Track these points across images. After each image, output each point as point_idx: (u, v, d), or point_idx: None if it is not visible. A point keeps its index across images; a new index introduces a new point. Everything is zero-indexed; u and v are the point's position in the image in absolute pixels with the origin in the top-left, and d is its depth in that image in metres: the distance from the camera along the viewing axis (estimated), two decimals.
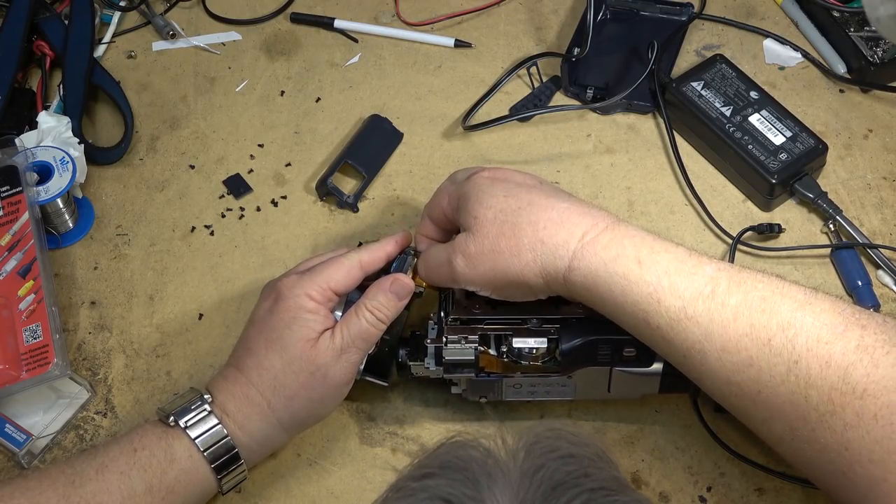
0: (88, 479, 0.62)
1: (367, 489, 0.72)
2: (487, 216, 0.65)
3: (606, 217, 0.65)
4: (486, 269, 0.66)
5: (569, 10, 1.01)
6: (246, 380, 0.67)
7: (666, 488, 0.72)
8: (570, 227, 0.63)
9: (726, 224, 0.84)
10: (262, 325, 0.68)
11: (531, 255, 0.64)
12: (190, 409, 0.66)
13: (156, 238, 0.85)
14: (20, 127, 0.88)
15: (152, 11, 1.01)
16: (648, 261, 0.62)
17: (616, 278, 0.62)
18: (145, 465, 0.63)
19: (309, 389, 0.66)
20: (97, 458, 0.64)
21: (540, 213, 0.64)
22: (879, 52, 0.92)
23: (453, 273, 0.67)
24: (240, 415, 0.66)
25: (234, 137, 0.92)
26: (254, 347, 0.68)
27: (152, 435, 0.65)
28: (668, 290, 0.61)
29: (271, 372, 0.66)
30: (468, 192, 0.67)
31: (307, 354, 0.66)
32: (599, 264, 0.63)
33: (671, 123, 0.90)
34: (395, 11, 1.01)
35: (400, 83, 0.96)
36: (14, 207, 0.79)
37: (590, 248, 0.63)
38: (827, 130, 0.90)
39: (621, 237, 0.63)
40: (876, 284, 0.81)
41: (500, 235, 0.64)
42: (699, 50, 0.97)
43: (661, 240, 0.64)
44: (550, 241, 0.63)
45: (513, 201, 0.65)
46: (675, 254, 0.63)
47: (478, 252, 0.65)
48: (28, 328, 0.74)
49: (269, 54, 0.98)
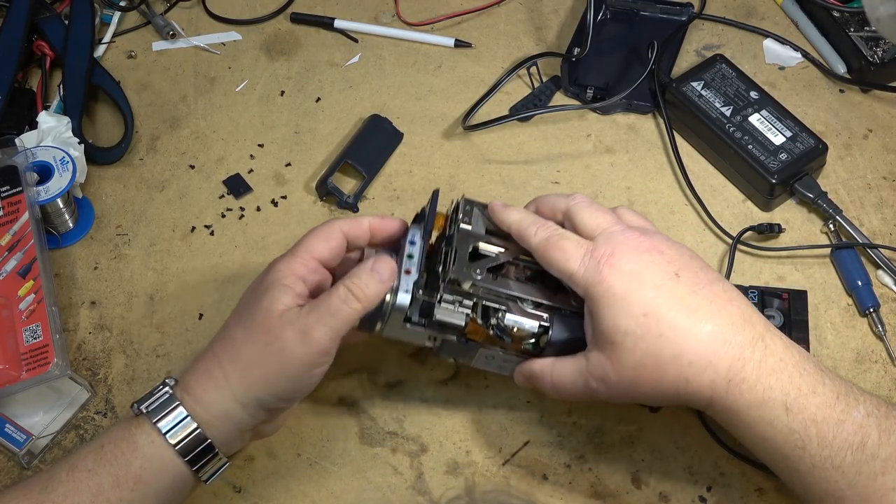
0: (60, 482, 0.61)
1: (367, 489, 0.72)
2: (626, 344, 0.60)
3: (751, 343, 0.61)
4: (626, 395, 0.63)
5: (569, 10, 1.01)
6: (212, 353, 0.64)
7: (666, 488, 0.72)
8: (715, 363, 0.60)
9: (726, 224, 0.84)
10: (240, 301, 0.67)
11: (674, 391, 0.61)
12: (152, 394, 0.63)
13: (156, 238, 0.85)
14: (20, 127, 0.88)
15: (152, 11, 1.01)
16: (796, 407, 0.59)
17: (761, 424, 0.60)
18: (111, 459, 0.62)
19: (263, 363, 0.63)
20: (69, 460, 0.63)
21: (683, 345, 0.60)
22: (879, 52, 0.92)
23: (594, 397, 0.64)
24: (199, 389, 0.63)
25: (234, 137, 0.92)
26: (228, 322, 0.66)
27: (118, 429, 0.63)
28: (816, 438, 0.59)
29: (232, 342, 0.64)
30: (600, 297, 0.62)
31: (266, 324, 0.63)
32: (744, 407, 0.60)
33: (671, 123, 0.90)
34: (395, 11, 1.01)
35: (400, 83, 0.96)
36: (14, 207, 0.79)
37: (735, 390, 0.60)
38: (827, 130, 0.90)
39: (767, 374, 0.60)
40: (876, 284, 0.81)
41: (641, 368, 0.61)
42: (699, 50, 0.97)
43: (808, 372, 0.61)
44: (695, 381, 0.60)
45: (653, 324, 0.60)
46: (824, 397, 0.60)
47: (618, 382, 0.62)
48: (28, 328, 0.74)
49: (269, 54, 0.98)
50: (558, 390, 0.65)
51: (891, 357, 0.77)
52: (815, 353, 0.77)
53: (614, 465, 0.73)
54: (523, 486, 0.72)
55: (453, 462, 0.73)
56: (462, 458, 0.73)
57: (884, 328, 0.78)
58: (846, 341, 0.78)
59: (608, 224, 0.65)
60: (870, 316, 0.79)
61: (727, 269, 0.81)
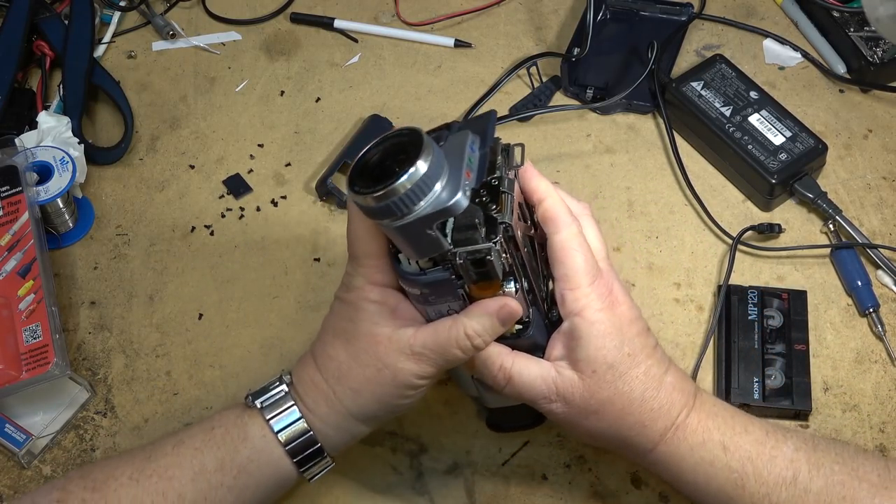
0: (164, 454, 0.63)
1: (367, 489, 0.72)
2: (606, 377, 0.61)
3: (694, 394, 0.64)
4: (577, 422, 0.63)
5: (569, 10, 1.01)
6: (314, 366, 0.64)
7: (666, 488, 0.72)
8: (669, 410, 0.62)
9: (726, 224, 0.84)
10: (332, 311, 0.65)
11: (627, 431, 0.62)
12: (268, 389, 0.64)
13: (156, 238, 0.85)
14: (20, 127, 0.88)
15: (152, 11, 1.01)
16: (732, 445, 0.62)
17: (702, 465, 0.62)
18: (219, 443, 0.63)
19: (376, 385, 0.62)
20: (177, 435, 0.64)
21: (651, 391, 0.62)
22: (879, 52, 0.92)
23: (544, 409, 0.63)
24: (308, 399, 0.64)
25: (234, 137, 0.92)
26: (324, 334, 0.65)
27: (231, 414, 0.64)
28: (753, 476, 0.61)
29: (335, 361, 0.63)
30: (596, 323, 0.61)
31: (373, 351, 0.62)
32: (686, 450, 0.62)
33: (671, 123, 0.90)
34: (395, 11, 1.01)
35: (400, 83, 0.96)
36: (14, 207, 0.79)
37: (679, 434, 0.62)
38: (827, 130, 0.90)
39: (706, 417, 0.63)
40: (875, 284, 0.81)
41: (608, 403, 0.62)
42: (699, 50, 0.97)
43: (738, 415, 0.64)
44: (650, 427, 0.62)
45: (633, 367, 0.62)
46: (755, 434, 0.63)
47: (581, 407, 0.62)
48: (28, 328, 0.74)
49: (269, 54, 0.98)
50: (511, 384, 0.63)
51: (890, 357, 0.77)
52: (814, 354, 0.77)
53: (614, 465, 0.73)
54: (523, 486, 0.72)
55: (453, 462, 0.73)
56: (462, 458, 0.73)
57: (883, 328, 0.78)
58: (846, 341, 0.78)
59: (602, 255, 0.64)
60: (869, 316, 0.79)
61: (727, 269, 0.81)
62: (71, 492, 0.61)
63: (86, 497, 0.61)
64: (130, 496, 0.61)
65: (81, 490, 0.61)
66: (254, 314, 0.81)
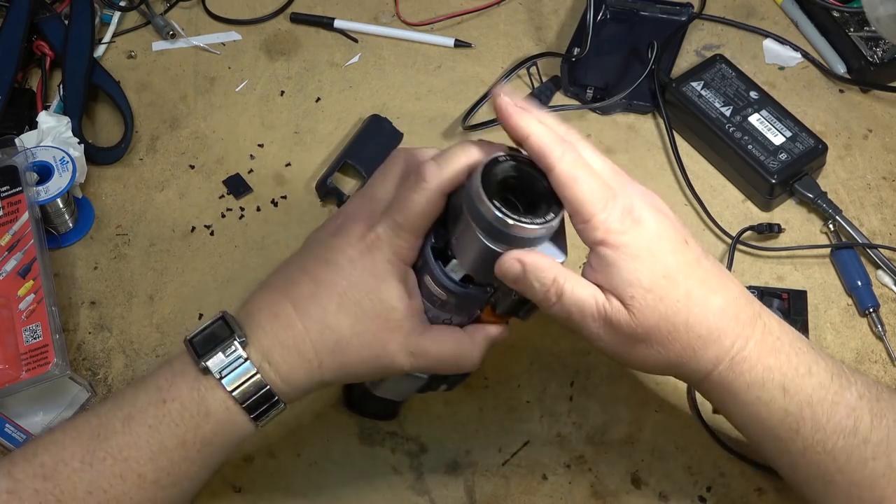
0: (114, 431, 0.58)
1: (367, 489, 0.72)
2: (647, 301, 0.57)
3: (752, 321, 0.60)
4: (624, 350, 0.60)
5: (569, 10, 1.01)
6: (304, 331, 0.59)
7: (666, 488, 0.72)
8: (722, 340, 0.59)
9: (726, 224, 0.84)
10: (337, 272, 0.59)
11: (676, 360, 0.59)
12: (224, 354, 0.58)
13: (156, 238, 0.85)
14: (20, 127, 0.88)
15: (152, 11, 1.01)
16: (793, 388, 0.59)
17: (757, 404, 0.60)
18: (176, 420, 0.58)
19: (366, 366, 0.60)
20: (123, 407, 0.59)
21: (697, 316, 0.58)
22: (879, 52, 0.92)
23: (591, 339, 0.60)
24: (284, 366, 0.59)
25: (234, 137, 0.92)
26: (322, 297, 0.59)
27: (182, 384, 0.59)
28: (810, 421, 0.59)
29: (336, 334, 0.59)
30: (623, 247, 0.57)
31: (382, 335, 0.59)
32: (742, 386, 0.59)
33: (671, 123, 0.90)
34: (395, 11, 1.01)
35: (400, 83, 0.96)
36: (14, 207, 0.79)
37: (736, 367, 0.59)
38: (827, 130, 0.90)
39: (767, 353, 0.59)
40: (875, 284, 0.81)
41: (654, 329, 0.58)
42: (699, 50, 0.97)
43: (803, 351, 0.60)
44: (701, 354, 0.59)
45: (672, 289, 0.58)
46: (819, 377, 0.59)
47: (628, 335, 0.58)
48: (28, 328, 0.74)
49: (269, 54, 0.98)
50: (561, 301, 0.58)
51: (891, 357, 0.78)
52: None
53: (614, 465, 0.73)
54: (523, 486, 0.72)
55: (453, 462, 0.73)
56: (462, 458, 0.73)
57: (883, 328, 0.78)
58: (846, 341, 0.78)
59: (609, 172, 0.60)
60: (869, 316, 0.79)
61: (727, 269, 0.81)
62: (20, 480, 0.57)
63: (38, 487, 0.56)
64: (86, 482, 0.57)
65: (31, 479, 0.57)
66: None
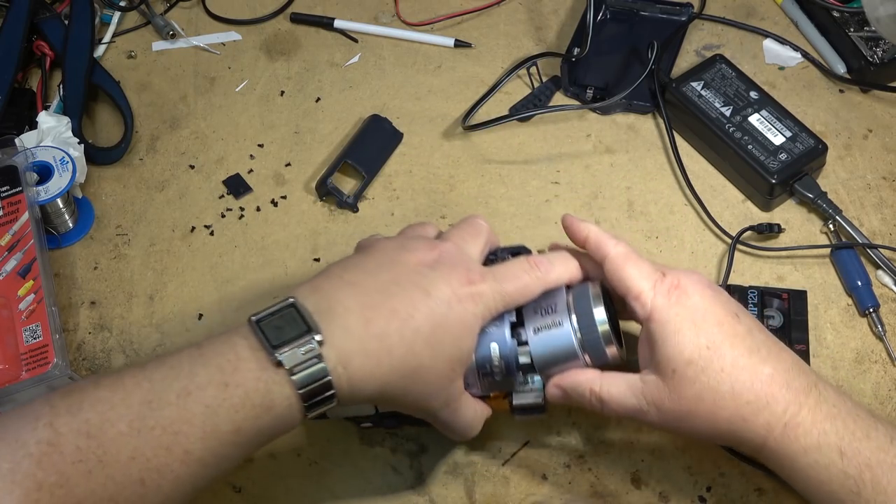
0: (168, 402, 0.56)
1: (367, 489, 0.72)
2: (688, 374, 0.61)
3: (806, 389, 0.61)
4: (676, 425, 0.63)
5: (569, 10, 1.01)
6: (393, 346, 0.59)
7: (666, 488, 0.72)
8: (773, 405, 0.60)
9: (726, 224, 0.84)
10: (435, 307, 0.60)
11: (727, 428, 0.61)
12: (301, 350, 0.57)
13: (156, 238, 0.85)
14: (20, 127, 0.88)
15: (152, 11, 1.01)
16: (850, 451, 0.60)
17: (816, 468, 0.60)
18: (237, 406, 0.56)
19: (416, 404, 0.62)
20: (179, 379, 0.56)
21: (744, 383, 0.60)
22: (879, 52, 0.92)
23: (643, 419, 0.64)
24: (359, 373, 0.58)
25: (234, 137, 0.92)
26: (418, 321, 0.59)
27: (248, 371, 0.57)
28: (870, 483, 0.59)
29: (416, 362, 0.59)
30: (667, 322, 0.62)
31: (442, 381, 0.61)
32: (799, 451, 0.60)
33: (671, 123, 0.90)
34: (395, 11, 1.01)
35: (400, 83, 0.96)
36: (14, 207, 0.79)
37: (791, 433, 0.60)
38: (827, 130, 0.90)
39: (822, 419, 0.60)
40: (875, 284, 0.81)
41: (699, 400, 0.61)
42: (699, 50, 0.97)
43: (861, 417, 0.61)
44: (751, 421, 0.61)
45: (715, 359, 0.61)
46: (877, 441, 0.60)
47: (673, 410, 0.62)
48: (28, 328, 0.74)
49: (269, 54, 0.98)
50: (605, 404, 0.64)
51: (891, 357, 0.77)
52: (815, 354, 0.77)
53: (614, 465, 0.73)
54: (523, 486, 0.72)
55: (453, 462, 0.73)
56: (462, 458, 0.73)
57: (883, 328, 0.78)
58: (846, 341, 0.78)
59: (664, 267, 0.66)
60: (869, 316, 0.79)
61: (727, 269, 0.81)
62: (63, 434, 0.54)
63: (80, 444, 0.54)
64: (131, 447, 0.55)
65: (75, 434, 0.54)
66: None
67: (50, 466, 0.53)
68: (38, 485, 0.53)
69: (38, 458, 0.53)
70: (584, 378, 0.65)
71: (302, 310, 0.59)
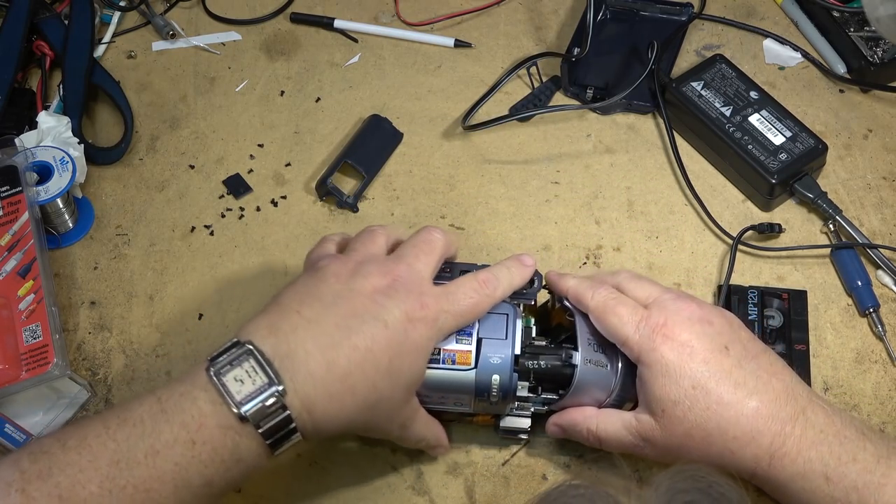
0: (137, 462, 0.56)
1: (367, 489, 0.72)
2: (676, 413, 0.63)
3: (793, 419, 0.63)
4: (670, 458, 0.65)
5: (569, 10, 1.01)
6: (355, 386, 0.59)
7: None
8: (758, 440, 0.62)
9: (726, 224, 0.84)
10: (391, 336, 0.61)
11: (719, 461, 0.63)
12: (264, 403, 0.57)
13: (156, 238, 0.85)
14: (20, 127, 0.88)
15: (152, 11, 1.01)
16: (835, 476, 0.61)
17: (803, 494, 0.62)
18: (206, 462, 0.57)
19: (376, 430, 0.64)
20: (144, 438, 0.57)
21: (729, 420, 0.62)
22: (879, 52, 0.92)
23: (641, 455, 0.67)
24: (324, 417, 0.59)
25: (234, 137, 0.92)
26: (378, 355, 0.60)
27: (213, 427, 0.57)
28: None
29: (377, 396, 0.61)
30: (652, 365, 0.64)
31: (399, 406, 0.63)
32: (787, 479, 0.62)
33: (671, 123, 0.90)
34: (395, 11, 1.01)
35: (400, 83, 0.96)
36: (14, 207, 0.79)
37: (777, 464, 0.62)
38: (827, 130, 0.90)
39: (808, 447, 0.62)
40: (876, 284, 0.81)
41: (688, 437, 0.63)
42: (699, 50, 0.97)
43: (848, 439, 0.62)
44: (739, 454, 0.63)
45: (701, 398, 0.63)
46: (864, 463, 0.61)
47: (665, 446, 0.65)
48: (28, 328, 0.74)
49: (269, 54, 0.98)
50: (602, 441, 0.68)
51: (891, 357, 0.77)
52: (815, 354, 0.77)
53: (615, 465, 0.72)
54: (523, 486, 0.72)
55: (453, 462, 0.73)
56: (462, 458, 0.73)
57: (883, 328, 0.78)
58: (846, 341, 0.78)
59: (659, 293, 0.67)
60: (869, 316, 0.79)
61: (727, 269, 0.81)
62: (35, 499, 0.54)
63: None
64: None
65: (47, 499, 0.54)
66: (254, 314, 0.81)
67: None
68: None
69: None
70: (582, 417, 0.68)
71: (262, 357, 0.59)
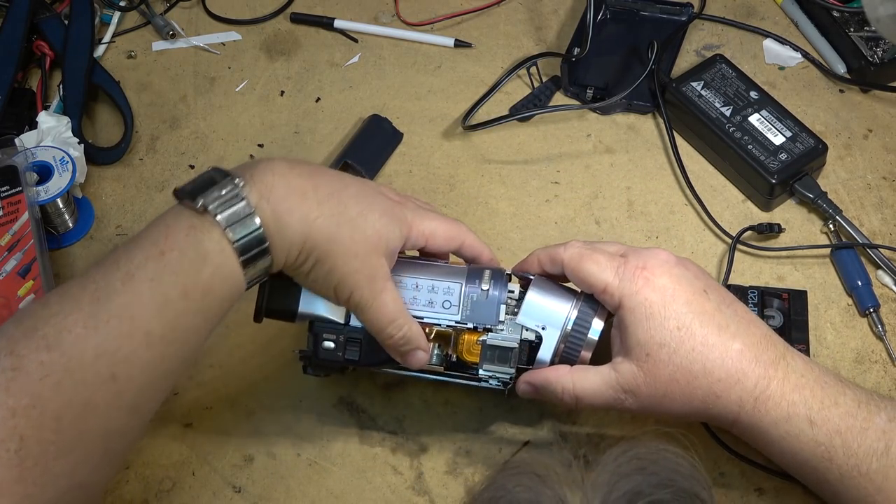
0: (115, 291, 0.55)
1: (367, 489, 0.72)
2: (661, 356, 0.62)
3: (775, 362, 0.63)
4: (653, 408, 0.64)
5: (569, 10, 1.01)
6: (319, 183, 0.61)
7: None
8: (743, 381, 0.62)
9: (726, 224, 0.84)
10: (370, 187, 0.64)
11: (702, 406, 0.63)
12: (221, 192, 0.57)
13: None
14: (20, 127, 0.88)
15: (152, 11, 1.01)
16: (819, 419, 0.61)
17: (787, 438, 0.62)
18: (176, 269, 0.56)
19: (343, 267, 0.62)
20: (120, 267, 0.56)
21: (715, 361, 0.62)
22: (879, 52, 0.92)
23: (620, 408, 0.65)
24: (283, 205, 0.59)
25: (234, 137, 0.92)
26: (348, 181, 0.63)
27: (178, 232, 0.57)
28: (841, 448, 0.61)
29: (342, 207, 0.61)
30: (635, 308, 0.63)
31: (369, 255, 0.62)
32: (770, 423, 0.62)
33: (671, 123, 0.90)
34: (395, 11, 1.01)
35: (400, 83, 0.96)
36: (14, 207, 0.79)
37: (761, 406, 0.62)
38: (827, 130, 0.90)
39: (791, 390, 0.62)
40: (876, 284, 0.81)
41: (672, 381, 0.62)
42: (699, 50, 0.97)
43: (829, 384, 0.62)
44: (724, 397, 0.62)
45: (686, 339, 0.62)
46: (846, 407, 0.61)
47: (649, 394, 0.63)
48: None
49: (269, 54, 0.98)
50: (579, 399, 0.65)
51: (891, 357, 0.77)
52: (815, 354, 0.77)
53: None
54: None
55: (453, 462, 0.73)
56: (462, 458, 0.73)
57: (884, 328, 0.78)
58: (846, 341, 0.78)
59: (627, 247, 0.67)
60: (870, 316, 0.79)
61: (727, 269, 0.81)
62: (23, 356, 0.53)
63: (43, 359, 0.53)
64: (92, 345, 0.54)
65: (35, 352, 0.54)
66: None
67: (18, 390, 0.53)
68: (12, 411, 0.52)
69: (6, 385, 0.53)
70: (555, 376, 0.66)
71: (223, 168, 0.60)
